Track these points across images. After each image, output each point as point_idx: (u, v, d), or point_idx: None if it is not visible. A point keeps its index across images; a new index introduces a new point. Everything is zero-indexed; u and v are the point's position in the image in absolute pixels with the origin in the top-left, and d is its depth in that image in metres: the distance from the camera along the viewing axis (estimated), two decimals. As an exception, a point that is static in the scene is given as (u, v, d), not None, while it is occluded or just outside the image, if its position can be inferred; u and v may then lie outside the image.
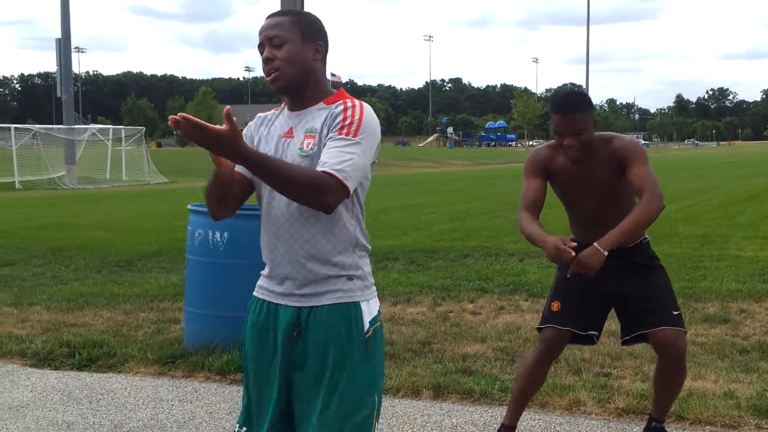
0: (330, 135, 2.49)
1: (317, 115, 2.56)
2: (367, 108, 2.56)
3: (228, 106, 2.32)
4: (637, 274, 4.05)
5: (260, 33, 2.58)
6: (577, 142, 3.80)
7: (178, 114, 2.22)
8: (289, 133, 2.59)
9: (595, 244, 3.68)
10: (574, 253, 3.59)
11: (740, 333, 6.60)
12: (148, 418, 4.91)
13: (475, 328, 6.83)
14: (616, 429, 4.58)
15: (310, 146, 2.52)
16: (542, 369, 4.16)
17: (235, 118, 2.25)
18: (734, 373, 5.44)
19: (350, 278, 2.58)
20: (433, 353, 6.08)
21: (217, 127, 2.23)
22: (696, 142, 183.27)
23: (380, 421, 2.64)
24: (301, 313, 2.57)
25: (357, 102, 2.56)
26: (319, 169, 2.41)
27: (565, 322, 4.02)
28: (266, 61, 2.55)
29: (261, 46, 2.58)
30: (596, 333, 4.12)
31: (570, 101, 3.87)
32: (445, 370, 5.59)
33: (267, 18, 2.61)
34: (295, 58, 2.54)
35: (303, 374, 2.56)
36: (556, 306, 4.07)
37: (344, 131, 2.47)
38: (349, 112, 2.50)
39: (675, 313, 3.99)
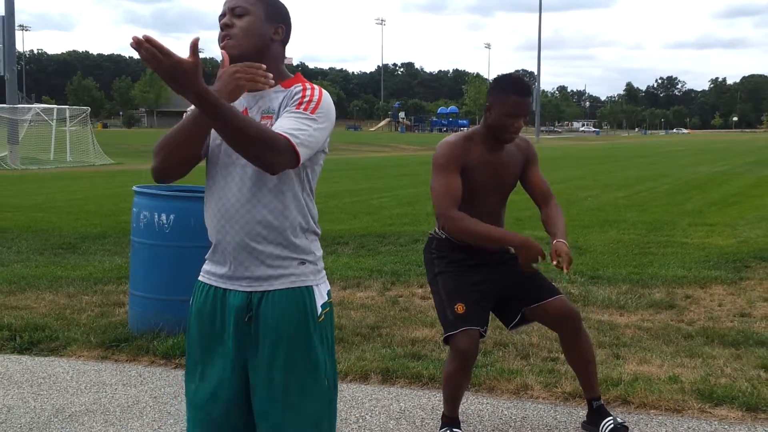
0: (287, 108, 2.45)
1: (274, 97, 2.52)
2: (326, 93, 2.53)
3: (197, 36, 2.23)
4: (511, 266, 4.06)
5: (225, 3, 2.53)
6: (521, 126, 3.90)
7: (143, 35, 2.13)
8: (244, 113, 2.53)
9: (559, 239, 3.87)
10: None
11: (685, 318, 6.69)
12: (90, 402, 4.81)
13: (424, 313, 6.82)
14: (563, 413, 4.60)
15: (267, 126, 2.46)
16: (467, 372, 4.05)
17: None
18: (679, 358, 5.51)
19: (302, 262, 2.55)
20: (382, 337, 6.06)
21: (178, 56, 2.15)
22: (645, 131, 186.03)
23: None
24: (252, 297, 2.52)
25: (316, 86, 2.53)
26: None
27: (473, 322, 3.93)
28: (224, 27, 2.50)
29: (222, 16, 2.52)
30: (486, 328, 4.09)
31: (526, 84, 3.91)
32: (393, 355, 5.58)
33: None
34: (253, 30, 2.50)
35: (256, 359, 2.51)
36: (461, 308, 3.94)
37: (302, 106, 2.43)
38: (308, 92, 2.48)
39: (555, 284, 4.18)
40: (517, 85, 3.88)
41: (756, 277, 8.49)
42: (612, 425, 4.20)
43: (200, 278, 2.66)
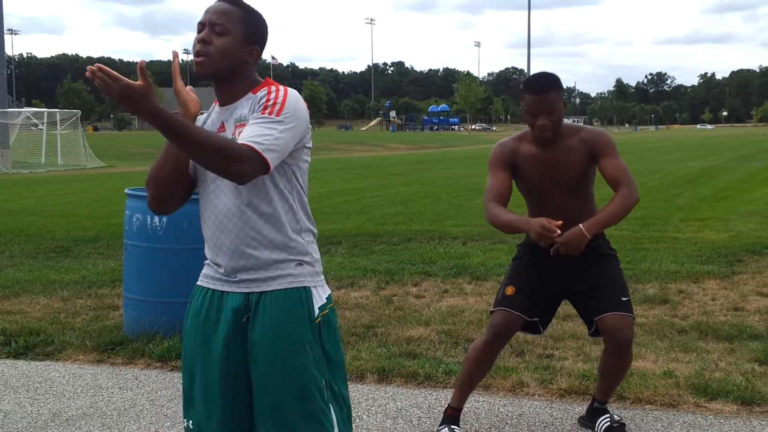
0: (252, 116, 2.46)
1: (245, 105, 2.53)
2: (292, 91, 2.52)
3: (142, 60, 2.29)
4: (590, 266, 4.04)
5: (206, 12, 2.52)
6: (550, 123, 3.81)
7: (95, 64, 2.19)
8: (222, 128, 2.56)
9: (580, 225, 3.78)
10: (559, 232, 3.66)
11: (679, 313, 6.72)
12: (87, 406, 4.81)
13: (419, 312, 6.83)
14: (559, 409, 4.62)
15: (228, 138, 2.48)
16: (490, 355, 4.13)
17: (148, 75, 2.24)
18: (673, 353, 5.54)
19: (300, 263, 2.56)
20: (377, 337, 6.07)
21: (128, 81, 2.20)
22: (636, 126, 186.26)
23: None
24: (250, 298, 2.53)
25: (282, 87, 2.53)
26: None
27: (516, 306, 4.00)
28: (201, 42, 2.49)
29: (200, 25, 2.52)
30: (541, 321, 4.12)
31: (542, 81, 3.86)
32: (389, 354, 5.58)
33: (219, 0, 2.55)
34: (230, 53, 2.49)
35: (255, 361, 2.52)
36: (510, 290, 4.04)
37: (267, 111, 2.43)
38: (272, 95, 2.47)
39: (624, 299, 3.98)
40: (528, 84, 3.87)
41: (748, 270, 8.53)
42: (608, 423, 4.22)
43: (199, 282, 2.68)
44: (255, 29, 2.57)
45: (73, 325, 6.46)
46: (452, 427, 4.22)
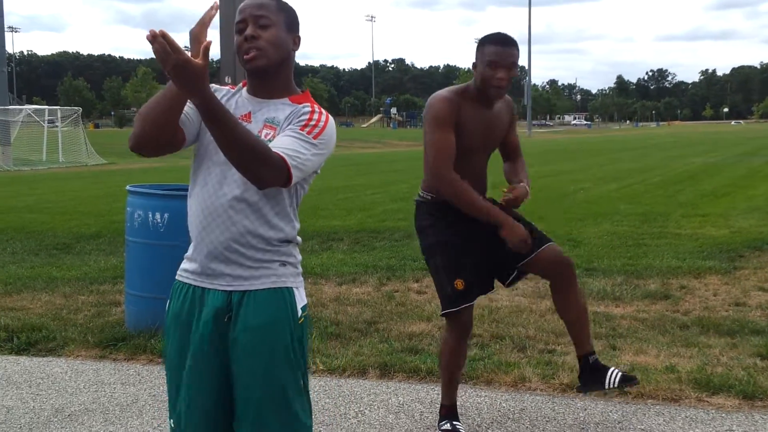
0: (291, 126, 2.44)
1: (281, 109, 2.51)
2: (332, 120, 2.53)
3: (210, 40, 2.21)
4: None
5: (242, 11, 2.50)
6: (507, 79, 3.79)
7: (159, 30, 2.12)
8: (248, 117, 2.52)
9: (525, 184, 4.08)
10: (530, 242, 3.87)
11: (680, 309, 6.72)
12: (89, 401, 4.82)
13: (420, 307, 6.84)
14: (561, 404, 4.62)
15: (268, 137, 2.46)
16: (464, 345, 4.21)
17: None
18: (675, 348, 5.54)
19: (283, 264, 2.56)
20: (379, 332, 6.08)
21: (189, 56, 2.14)
22: (637, 123, 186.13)
23: (323, 403, 2.62)
24: (233, 296, 2.51)
25: (323, 111, 2.53)
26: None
27: (473, 295, 4.02)
28: (249, 39, 2.45)
29: (242, 23, 2.49)
30: (496, 279, 4.16)
31: (508, 36, 3.84)
32: (391, 349, 5.59)
33: None
34: (280, 43, 2.49)
35: (236, 359, 2.50)
36: (460, 284, 3.95)
37: (306, 129, 2.43)
38: (315, 116, 2.47)
39: (538, 230, 4.04)
40: (493, 36, 3.83)
41: (750, 266, 8.53)
42: (619, 374, 4.09)
43: (177, 277, 2.64)
44: (293, 17, 2.57)
45: (75, 322, 6.47)
46: (454, 423, 4.22)
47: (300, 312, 2.57)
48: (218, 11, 2.48)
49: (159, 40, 2.10)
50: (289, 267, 2.57)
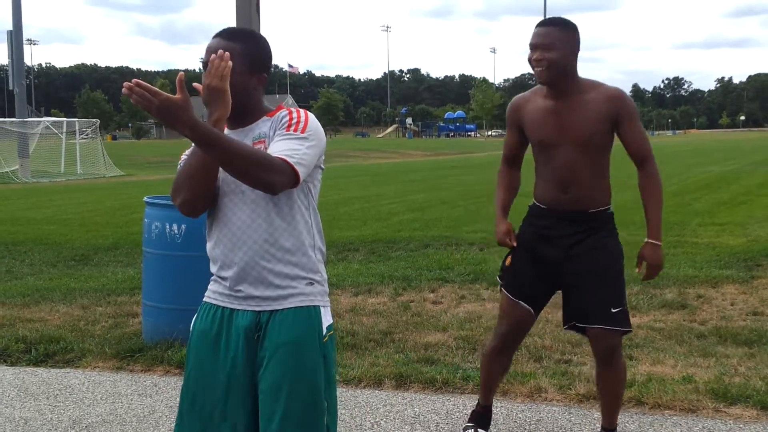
0: (277, 132, 2.50)
1: (262, 126, 2.57)
2: (312, 114, 2.59)
3: (182, 72, 2.29)
4: (590, 254, 3.81)
5: (207, 52, 2.54)
6: (546, 59, 3.61)
7: (133, 80, 2.21)
8: None
9: (648, 240, 3.77)
10: (514, 244, 3.98)
11: (698, 318, 6.69)
12: (107, 413, 4.84)
13: (436, 318, 6.83)
14: (577, 415, 4.61)
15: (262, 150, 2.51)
16: (505, 353, 4.14)
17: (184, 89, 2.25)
18: (692, 358, 5.51)
19: (311, 282, 2.59)
20: (395, 343, 6.08)
21: (167, 94, 2.21)
22: (653, 131, 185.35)
23: (339, 414, 2.64)
24: (261, 316, 2.55)
25: (301, 110, 2.59)
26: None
27: (518, 288, 3.98)
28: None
29: (204, 64, 2.52)
30: (528, 306, 3.97)
31: (551, 18, 3.77)
32: (406, 360, 5.59)
33: (216, 38, 2.57)
34: (237, 89, 2.49)
35: (263, 377, 2.53)
36: (509, 260, 4.05)
37: (291, 128, 2.50)
38: (294, 114, 2.54)
39: (614, 310, 3.78)
40: (539, 22, 3.76)
41: (767, 275, 8.47)
42: None
43: (206, 299, 2.68)
44: (256, 57, 2.59)
45: (93, 333, 6.50)
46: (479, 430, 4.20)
47: (325, 331, 2.60)
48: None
49: (136, 90, 2.20)
50: (316, 286, 2.61)
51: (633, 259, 3.95)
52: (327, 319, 2.63)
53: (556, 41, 3.62)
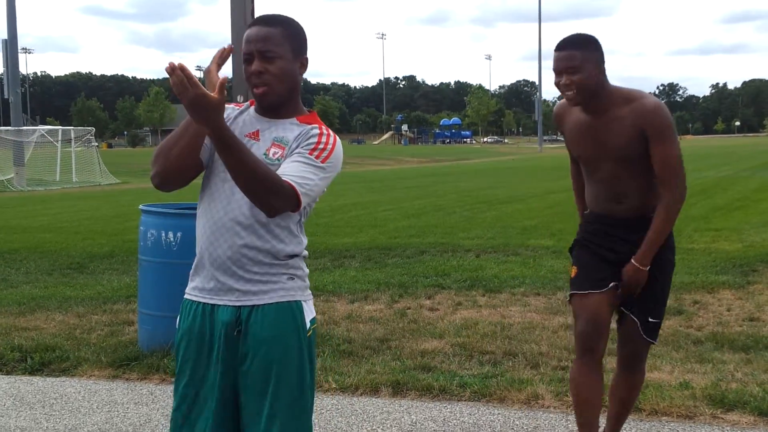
0: (299, 150, 2.48)
1: (289, 129, 2.55)
2: (339, 141, 2.58)
3: (226, 76, 2.28)
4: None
5: (248, 42, 2.52)
6: (573, 84, 3.50)
7: (178, 63, 2.18)
8: (255, 135, 2.56)
9: (633, 261, 3.64)
10: None
11: (694, 324, 6.69)
12: (102, 422, 4.82)
13: (433, 324, 6.83)
14: (574, 422, 4.59)
15: (276, 156, 2.50)
16: (593, 378, 3.80)
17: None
18: (689, 364, 5.51)
19: (291, 277, 2.58)
20: (392, 350, 6.07)
21: (205, 90, 2.19)
22: None
23: (336, 422, 2.63)
24: (242, 311, 2.54)
25: (331, 133, 2.57)
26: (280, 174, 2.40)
27: (585, 285, 3.74)
28: (257, 74, 2.49)
29: (248, 55, 2.51)
30: (598, 292, 3.73)
31: (568, 38, 3.59)
32: (403, 367, 5.58)
33: (255, 25, 2.54)
34: (287, 74, 2.52)
35: (246, 373, 2.53)
36: (574, 271, 3.83)
37: (315, 153, 2.47)
38: (323, 138, 2.52)
39: (651, 320, 3.79)
40: (559, 42, 3.61)
41: (764, 281, 8.48)
42: None
43: (186, 296, 2.66)
44: (299, 40, 2.58)
45: (89, 341, 6.49)
46: None
47: (309, 324, 2.59)
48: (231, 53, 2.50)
49: (177, 73, 2.16)
50: (297, 281, 2.59)
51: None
52: (310, 312, 2.61)
53: (580, 62, 3.49)
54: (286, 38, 2.53)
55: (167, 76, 2.20)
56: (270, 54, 2.49)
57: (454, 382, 5.19)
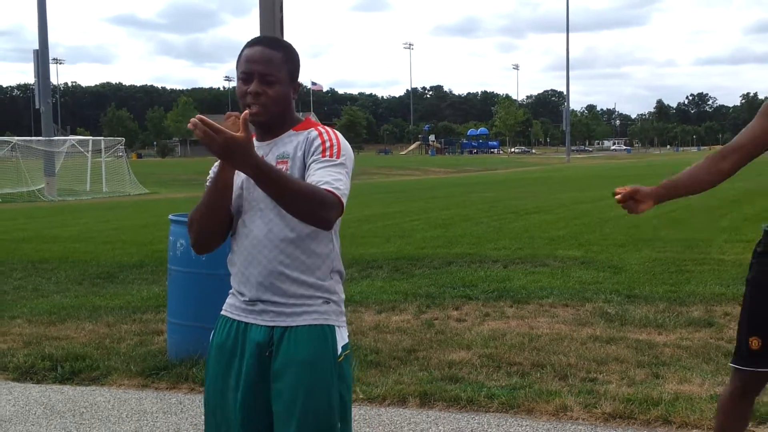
0: (313, 158, 2.49)
1: (287, 142, 2.56)
2: (340, 134, 2.60)
3: (246, 111, 2.29)
4: None
5: (249, 61, 2.53)
6: None
7: (197, 116, 2.20)
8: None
9: (660, 187, 3.38)
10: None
11: (725, 336, 6.61)
12: (132, 430, 4.86)
13: (460, 335, 6.81)
14: (604, 434, 4.56)
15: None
16: (743, 409, 3.47)
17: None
18: (720, 376, 5.45)
19: (327, 301, 2.58)
20: (419, 361, 6.06)
21: (231, 133, 2.19)
22: (678, 148, 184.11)
23: None
24: (274, 332, 2.54)
25: (329, 128, 2.59)
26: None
27: (766, 363, 3.26)
28: (254, 95, 2.51)
29: (247, 74, 2.53)
30: None
31: None
32: (431, 378, 5.57)
33: (257, 45, 2.56)
34: (282, 99, 2.55)
35: (275, 395, 2.52)
36: (755, 343, 3.26)
37: (327, 153, 2.48)
38: (325, 137, 2.53)
39: None
40: None
41: (796, 292, 8.37)
42: None
43: (223, 312, 2.68)
44: (295, 65, 2.62)
45: (118, 351, 6.54)
46: None
47: (340, 350, 2.58)
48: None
49: (200, 127, 2.17)
50: (332, 305, 2.59)
51: None
52: (342, 338, 2.60)
53: None
54: (285, 63, 2.56)
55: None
56: (270, 78, 2.51)
57: (482, 393, 5.18)
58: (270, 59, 2.53)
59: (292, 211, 2.37)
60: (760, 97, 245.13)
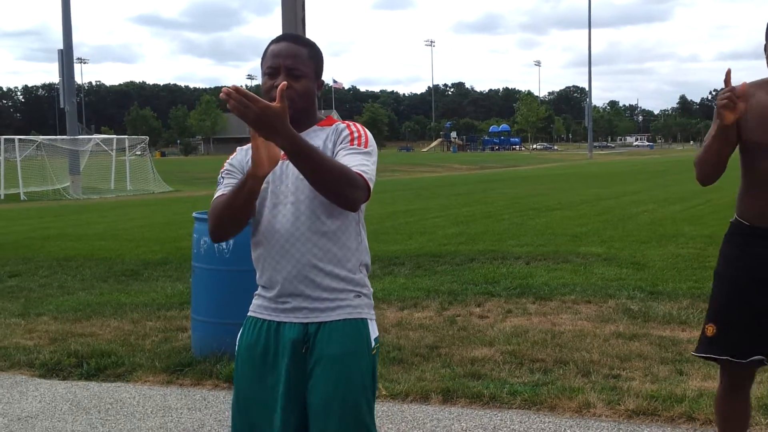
0: (341, 146, 2.53)
1: (314, 136, 2.57)
2: (366, 128, 2.65)
3: (284, 82, 2.29)
4: None
5: (276, 56, 2.56)
6: None
7: (231, 86, 2.20)
8: (284, 156, 2.57)
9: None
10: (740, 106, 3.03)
11: (749, 332, 6.57)
12: (157, 426, 4.91)
13: (482, 332, 6.81)
14: (627, 430, 4.56)
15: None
16: (737, 402, 3.49)
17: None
18: (744, 373, 5.42)
19: (358, 295, 2.61)
20: (441, 357, 6.07)
21: (267, 102, 2.20)
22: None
23: (386, 430, 2.64)
24: (309, 328, 2.55)
25: (352, 122, 2.64)
26: None
27: (721, 349, 3.31)
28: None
29: (273, 69, 2.55)
30: (763, 357, 3.29)
31: None
32: (453, 375, 5.58)
33: (284, 41, 2.59)
34: (308, 93, 2.59)
35: (312, 390, 2.54)
36: (710, 330, 3.35)
37: (355, 143, 2.53)
38: (353, 128, 2.59)
39: None
40: None
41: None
42: None
43: (251, 313, 2.68)
44: (321, 62, 2.66)
45: (143, 347, 6.60)
46: None
47: (373, 343, 2.61)
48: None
49: (234, 96, 2.16)
50: (363, 298, 2.62)
51: None
52: (374, 331, 2.63)
53: None
54: (312, 59, 2.60)
55: (220, 84, 2.22)
56: (297, 72, 2.54)
57: (505, 390, 5.18)
58: (297, 54, 2.56)
59: (322, 188, 2.39)
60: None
